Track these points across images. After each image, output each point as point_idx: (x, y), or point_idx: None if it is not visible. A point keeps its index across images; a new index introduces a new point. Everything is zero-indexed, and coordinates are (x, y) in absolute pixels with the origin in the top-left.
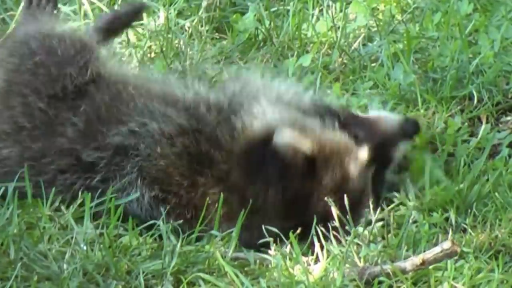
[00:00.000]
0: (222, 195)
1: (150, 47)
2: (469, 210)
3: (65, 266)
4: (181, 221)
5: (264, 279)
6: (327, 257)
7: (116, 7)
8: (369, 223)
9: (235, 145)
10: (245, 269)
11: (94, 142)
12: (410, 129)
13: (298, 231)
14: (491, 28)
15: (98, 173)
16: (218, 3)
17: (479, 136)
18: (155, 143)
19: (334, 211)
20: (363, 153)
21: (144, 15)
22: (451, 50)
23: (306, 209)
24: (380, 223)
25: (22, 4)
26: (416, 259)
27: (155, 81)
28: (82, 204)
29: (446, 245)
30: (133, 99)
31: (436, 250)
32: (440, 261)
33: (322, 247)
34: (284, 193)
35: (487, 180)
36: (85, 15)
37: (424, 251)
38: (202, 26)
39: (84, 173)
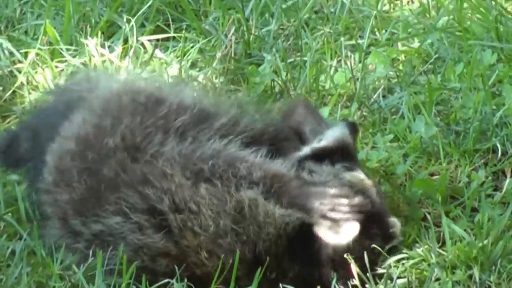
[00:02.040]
0: (238, 252)
1: None
2: (494, 267)
3: None
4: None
5: None
6: None
7: (127, 59)
8: (390, 279)
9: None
10: None
11: None
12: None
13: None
14: None
15: None
16: (233, 54)
17: (504, 190)
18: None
19: (354, 269)
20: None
21: (157, 66)
22: (474, 102)
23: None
24: (402, 281)
25: (30, 55)
26: None
27: None
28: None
29: None
30: None
31: None
32: None
33: None
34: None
35: None
36: (95, 67)
37: None
38: (216, 78)
39: None
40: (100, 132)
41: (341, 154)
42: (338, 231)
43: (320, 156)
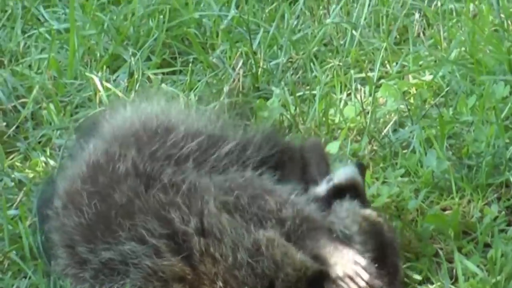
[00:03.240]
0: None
1: None
2: None
3: None
4: None
5: None
6: None
7: (133, 93)
8: None
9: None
10: None
11: None
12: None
13: None
14: None
15: None
16: (241, 88)
17: None
18: None
19: None
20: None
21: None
22: (487, 135)
23: None
24: None
25: (35, 91)
26: None
27: None
28: None
29: None
30: None
31: None
32: None
33: None
34: None
35: None
36: (101, 102)
37: None
38: (224, 112)
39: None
40: (111, 158)
41: (352, 193)
42: None
43: (336, 194)
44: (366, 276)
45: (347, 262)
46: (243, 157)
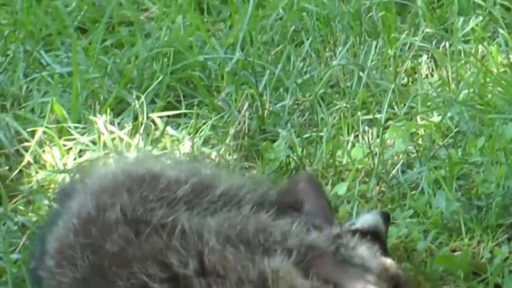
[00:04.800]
0: None
1: None
2: None
3: None
4: None
5: None
6: None
7: (137, 136)
8: None
9: None
10: None
11: None
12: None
13: None
14: None
15: None
16: (246, 131)
17: None
18: None
19: None
20: None
21: (168, 143)
22: (497, 176)
23: None
24: None
25: (37, 134)
26: None
27: None
28: None
29: None
30: None
31: None
32: None
33: None
34: None
35: None
36: (105, 145)
37: None
38: (230, 154)
39: None
40: (102, 208)
41: (372, 240)
42: None
43: (351, 233)
44: None
45: (356, 284)
46: (236, 198)
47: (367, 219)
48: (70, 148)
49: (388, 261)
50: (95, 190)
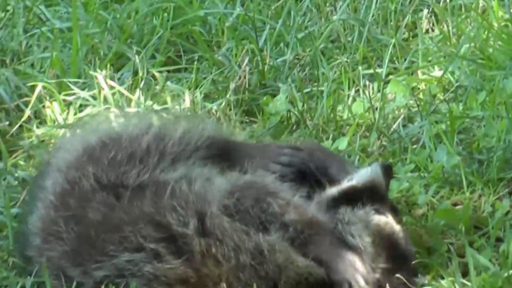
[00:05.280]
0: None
1: None
2: None
3: None
4: None
5: None
6: None
7: (137, 91)
8: None
9: None
10: None
11: None
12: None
13: None
14: None
15: None
16: (247, 85)
17: None
18: None
19: None
20: None
21: (168, 98)
22: (498, 130)
23: None
24: None
25: (37, 89)
26: None
27: None
28: None
29: None
30: None
31: None
32: None
33: None
34: None
35: None
36: (105, 100)
37: None
38: (230, 109)
39: None
40: (74, 182)
41: (370, 196)
42: None
43: (349, 196)
44: (363, 284)
45: (347, 268)
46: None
47: (363, 174)
48: (70, 103)
49: (382, 221)
50: (62, 166)
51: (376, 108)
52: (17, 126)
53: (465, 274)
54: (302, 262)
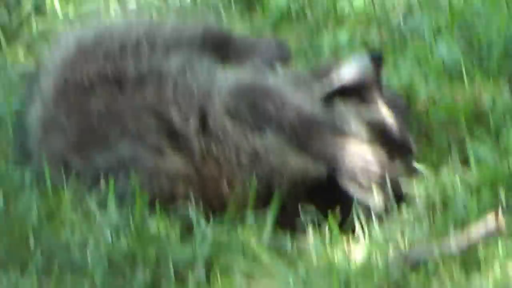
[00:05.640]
0: (265, 180)
1: None
2: None
3: (88, 256)
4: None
5: (303, 264)
6: (369, 241)
7: None
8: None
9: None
10: (281, 254)
11: None
12: None
13: (337, 213)
14: None
15: None
16: None
17: None
18: None
19: (376, 190)
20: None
21: None
22: (498, 24)
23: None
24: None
25: None
26: (461, 239)
27: None
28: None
29: (490, 222)
30: None
31: (480, 228)
32: (486, 240)
33: (363, 229)
34: None
35: None
36: None
37: None
38: (230, 2)
39: None
40: (71, 77)
41: (361, 89)
42: (365, 195)
43: (341, 92)
44: (378, 169)
45: (357, 157)
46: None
47: (351, 71)
48: None
49: (373, 115)
50: (59, 64)
51: (377, 1)
52: (17, 20)
53: (465, 166)
54: (298, 163)
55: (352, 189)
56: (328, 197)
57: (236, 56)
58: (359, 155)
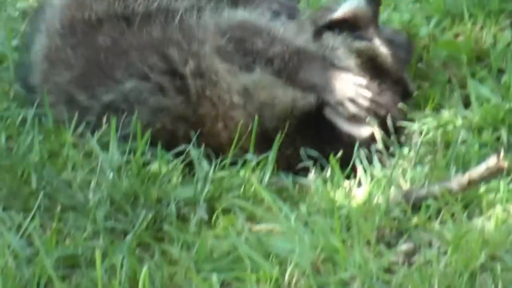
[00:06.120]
0: (257, 116)
1: None
2: None
3: (90, 195)
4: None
5: (304, 204)
6: (371, 181)
7: None
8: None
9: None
10: (283, 194)
11: None
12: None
13: (339, 154)
14: None
15: None
16: None
17: None
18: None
19: (377, 132)
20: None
21: None
22: None
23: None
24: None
25: None
26: (462, 178)
27: None
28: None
29: (492, 162)
30: None
31: (481, 168)
32: (487, 179)
33: (365, 170)
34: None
35: None
36: None
37: None
38: None
39: None
40: (78, 13)
41: (354, 24)
42: (354, 123)
43: (333, 26)
44: (369, 94)
45: (347, 84)
46: None
47: (347, 5)
48: None
49: (362, 44)
50: (63, 4)
51: None
52: None
53: (466, 105)
54: (287, 95)
55: (338, 119)
56: (321, 132)
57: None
58: (347, 85)
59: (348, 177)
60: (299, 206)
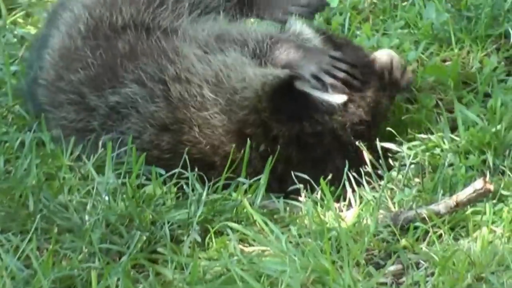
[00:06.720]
0: (249, 140)
1: None
2: (508, 152)
3: (86, 217)
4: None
5: (295, 226)
6: (360, 203)
7: None
8: (403, 165)
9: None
10: (275, 217)
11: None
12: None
13: (329, 177)
14: None
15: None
16: None
17: None
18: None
19: (366, 155)
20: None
21: None
22: None
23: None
24: (415, 166)
25: None
26: (450, 201)
27: None
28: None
29: (479, 184)
30: None
31: (468, 190)
32: (474, 202)
33: (354, 192)
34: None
35: None
36: None
37: None
38: None
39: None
40: (104, 17)
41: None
42: (327, 93)
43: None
44: (343, 65)
45: (321, 58)
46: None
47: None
48: None
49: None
50: (88, 4)
51: None
52: None
53: (453, 129)
54: (257, 74)
55: (312, 89)
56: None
57: (257, 9)
58: (322, 58)
59: (338, 199)
60: (290, 228)
